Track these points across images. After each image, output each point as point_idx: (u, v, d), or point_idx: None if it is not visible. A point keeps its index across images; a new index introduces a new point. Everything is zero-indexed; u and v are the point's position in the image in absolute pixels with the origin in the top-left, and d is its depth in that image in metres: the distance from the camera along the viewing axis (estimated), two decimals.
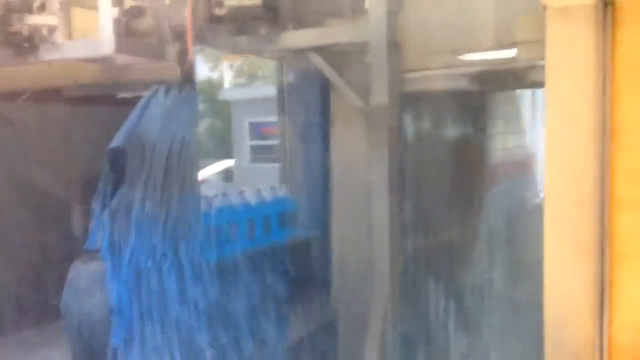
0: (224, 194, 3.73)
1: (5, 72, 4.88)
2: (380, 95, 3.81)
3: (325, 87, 4.14)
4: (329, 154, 4.17)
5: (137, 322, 3.07)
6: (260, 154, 5.60)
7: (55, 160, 6.03)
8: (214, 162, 5.81)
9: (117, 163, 3.17)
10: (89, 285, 4.91)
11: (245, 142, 5.88)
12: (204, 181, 3.86)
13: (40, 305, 5.52)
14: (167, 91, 3.18)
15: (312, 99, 4.43)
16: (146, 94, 3.24)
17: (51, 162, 6.11)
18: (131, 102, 3.40)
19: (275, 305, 3.68)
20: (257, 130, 5.66)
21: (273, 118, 5.01)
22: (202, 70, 3.70)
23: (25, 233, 5.93)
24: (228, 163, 5.58)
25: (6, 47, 3.96)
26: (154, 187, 3.11)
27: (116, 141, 3.17)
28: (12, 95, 5.63)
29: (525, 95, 5.99)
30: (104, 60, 3.80)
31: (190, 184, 3.20)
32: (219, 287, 3.24)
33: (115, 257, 3.17)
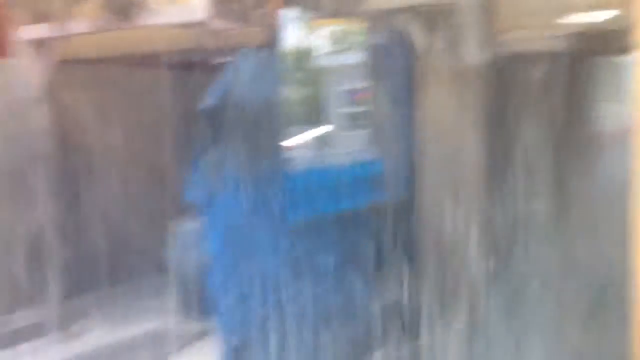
0: (314, 157, 3.80)
1: (105, 37, 5.18)
2: (472, 58, 3.72)
3: (415, 50, 4.09)
4: (418, 118, 4.13)
5: (230, 272, 3.24)
6: (352, 120, 5.61)
7: (154, 122, 6.38)
8: (306, 130, 5.90)
9: (209, 122, 3.32)
10: (191, 239, 5.26)
11: (337, 108, 5.89)
12: (296, 148, 3.95)
13: (148, 257, 5.95)
14: (253, 55, 3.27)
15: (402, 62, 4.39)
16: (235, 58, 3.34)
17: (150, 124, 6.46)
18: (222, 67, 3.52)
19: (360, 267, 3.74)
20: (349, 97, 5.66)
21: (364, 84, 5.00)
22: (293, 35, 3.74)
23: (132, 190, 6.36)
24: (321, 130, 5.66)
25: (105, 13, 4.19)
26: (243, 146, 3.23)
27: (207, 101, 3.32)
28: (112, 61, 5.97)
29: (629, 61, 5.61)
30: (198, 26, 3.94)
31: (277, 145, 3.31)
32: (305, 245, 3.34)
33: (210, 212, 3.36)
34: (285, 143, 3.52)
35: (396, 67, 4.33)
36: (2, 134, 5.53)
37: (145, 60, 5.94)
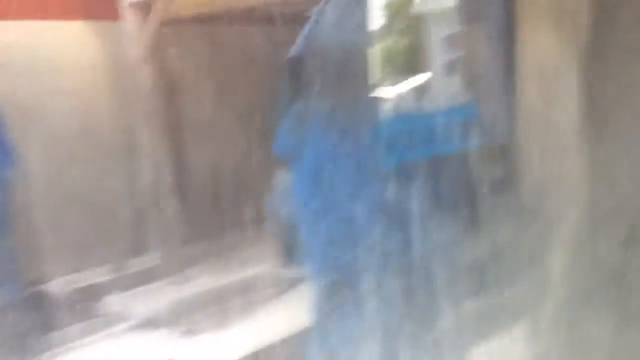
0: (408, 103, 3.74)
1: None
2: None
3: None
4: (516, 60, 3.95)
5: (318, 218, 3.29)
6: (448, 66, 5.45)
7: (250, 74, 6.53)
8: (401, 76, 5.80)
9: (296, 72, 3.34)
10: (288, 187, 5.41)
11: (434, 54, 5.75)
12: (389, 94, 3.91)
13: (245, 208, 6.19)
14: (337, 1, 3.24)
15: (499, 4, 4.20)
16: (322, 4, 3.33)
17: (247, 76, 6.62)
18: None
19: (453, 214, 3.68)
20: (446, 42, 5.48)
21: (462, 27, 4.83)
22: None
23: (234, 142, 6.58)
24: (416, 76, 5.54)
25: None
26: (330, 92, 3.23)
27: (293, 50, 3.34)
28: (211, 18, 6.15)
29: None
30: None
31: (368, 92, 3.28)
32: (397, 191, 3.32)
33: (297, 159, 3.40)
34: (376, 89, 3.47)
35: (493, 7, 4.14)
36: (112, 93, 5.91)
37: (242, 16, 6.07)
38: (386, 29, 3.70)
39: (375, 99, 3.43)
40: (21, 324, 4.25)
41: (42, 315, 4.71)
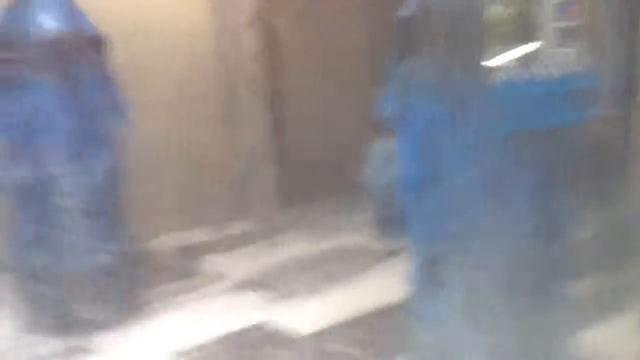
0: (520, 71, 3.51)
1: None
2: None
3: None
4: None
5: (424, 185, 3.17)
6: (564, 34, 5.09)
7: (355, 36, 6.41)
8: (514, 43, 5.47)
9: (405, 31, 3.20)
10: (385, 157, 5.30)
11: (549, 23, 5.38)
12: (502, 61, 3.69)
13: (343, 175, 6.15)
14: None
15: None
16: None
17: (352, 38, 6.50)
18: None
19: (567, 187, 3.43)
20: (562, 10, 5.13)
21: None
22: None
23: (330, 108, 6.53)
24: (529, 43, 5.21)
25: None
26: (439, 55, 3.08)
27: (404, 9, 3.19)
28: None
29: None
30: None
31: (480, 57, 3.08)
32: (504, 161, 3.14)
33: (404, 127, 3.28)
34: (489, 55, 3.26)
35: None
36: (219, 58, 6.00)
37: None
38: None
39: (488, 64, 3.22)
40: (125, 280, 4.41)
41: (145, 272, 4.90)
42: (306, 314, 4.37)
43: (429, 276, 3.20)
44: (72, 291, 4.18)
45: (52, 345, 4.04)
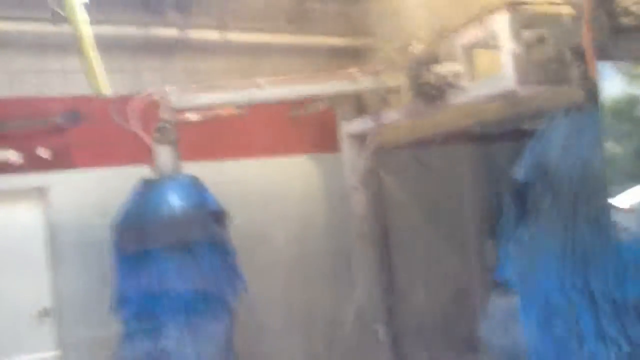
0: None
1: (418, 121, 5.46)
2: None
3: None
4: None
5: (551, 357, 2.93)
6: None
7: (463, 196, 6.39)
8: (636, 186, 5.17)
9: (520, 194, 3.15)
10: (506, 318, 5.00)
11: None
12: (628, 212, 3.49)
13: (458, 334, 5.85)
14: (567, 115, 3.04)
15: None
16: (546, 121, 3.16)
17: (460, 198, 6.49)
18: (532, 133, 3.36)
19: None
20: None
21: None
22: (612, 87, 3.38)
23: (443, 265, 6.39)
24: None
25: (417, 98, 4.42)
26: (558, 216, 2.96)
27: (517, 172, 3.17)
28: (422, 143, 6.25)
29: None
30: (507, 96, 3.86)
31: (599, 211, 2.93)
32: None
33: (523, 289, 3.12)
34: (605, 209, 3.07)
35: None
36: (330, 218, 6.17)
37: (452, 138, 6.08)
38: (613, 137, 3.33)
39: (613, 219, 3.02)
40: None
41: None
42: None
43: None
44: None
45: None
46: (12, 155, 5.07)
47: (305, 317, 5.98)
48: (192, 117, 4.89)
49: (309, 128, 6.21)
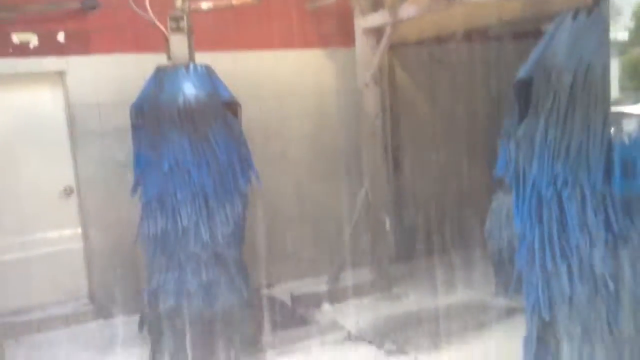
0: None
1: (435, 18, 5.42)
2: None
3: None
4: None
5: (539, 248, 3.12)
6: None
7: (476, 95, 6.45)
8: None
9: (523, 93, 3.21)
10: (508, 213, 5.22)
11: None
12: (629, 115, 3.54)
13: (463, 230, 6.13)
14: (574, 17, 3.05)
15: None
16: (554, 24, 3.17)
17: (473, 97, 6.54)
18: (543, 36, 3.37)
19: None
20: None
21: None
22: None
23: (452, 164, 6.57)
24: None
25: None
26: (558, 115, 3.05)
27: (522, 72, 3.22)
28: (437, 40, 6.21)
29: None
30: None
31: (597, 113, 3.02)
32: (626, 221, 3.00)
33: (519, 185, 3.26)
34: (604, 111, 3.15)
35: None
36: (342, 115, 6.29)
37: (467, 37, 6.04)
38: (632, 40, 3.35)
39: (614, 120, 3.10)
40: (248, 324, 4.65)
41: (268, 316, 5.14)
42: None
43: (541, 342, 3.13)
44: (198, 335, 4.45)
45: None
46: (31, 38, 5.18)
47: (315, 209, 6.26)
48: (205, 5, 4.90)
49: (324, 21, 6.18)
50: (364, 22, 5.79)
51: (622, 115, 3.41)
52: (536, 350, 3.15)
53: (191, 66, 4.43)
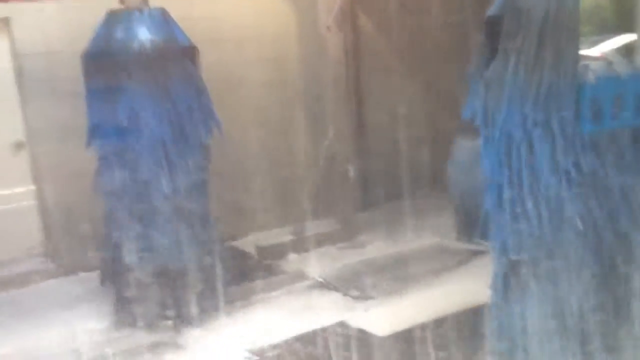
0: (613, 64, 3.34)
1: None
2: None
3: None
4: None
5: (507, 189, 3.12)
6: None
7: (440, 37, 6.36)
8: (608, 36, 5.20)
9: (493, 31, 3.15)
10: (470, 158, 5.23)
11: None
12: (594, 56, 3.54)
13: (426, 176, 6.15)
14: None
15: None
16: None
17: (437, 39, 6.45)
18: None
19: None
20: None
21: None
22: None
23: (414, 109, 6.52)
24: (625, 37, 4.94)
25: None
26: (528, 55, 3.01)
27: (492, 9, 3.15)
28: None
29: None
30: None
31: (566, 52, 3.00)
32: (594, 160, 3.03)
33: (489, 126, 3.23)
34: (573, 50, 3.14)
35: None
36: (303, 61, 6.15)
37: None
38: None
39: (581, 60, 3.10)
40: (213, 277, 4.58)
41: (232, 268, 5.10)
42: (387, 315, 4.42)
43: (509, 282, 3.17)
44: (163, 289, 4.39)
45: (141, 339, 4.27)
46: None
47: (279, 159, 6.16)
48: None
49: None
50: None
51: (588, 56, 3.41)
52: (504, 290, 3.19)
53: (145, 10, 4.21)
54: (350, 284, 4.92)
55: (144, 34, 4.12)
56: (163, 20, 4.24)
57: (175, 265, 4.39)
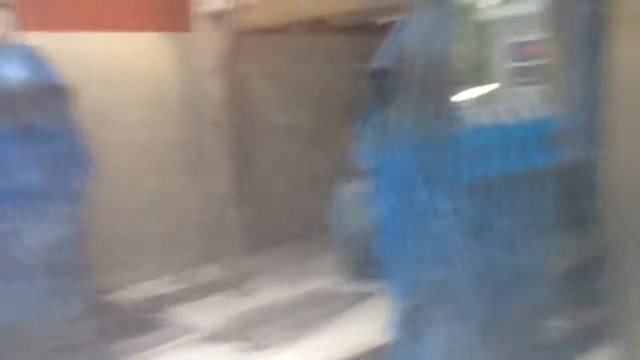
0: (481, 115, 3.61)
1: (276, 6, 5.34)
2: None
3: None
4: (601, 69, 3.74)
5: (401, 235, 3.20)
6: (521, 76, 5.25)
7: (321, 85, 6.49)
8: (471, 87, 5.58)
9: (377, 82, 3.27)
10: (352, 201, 5.33)
11: (504, 64, 5.55)
12: (465, 106, 3.79)
13: (309, 219, 6.13)
14: (423, 12, 3.16)
15: (582, 10, 4.01)
16: (404, 16, 3.26)
17: (318, 87, 6.57)
18: (391, 27, 3.44)
19: (536, 229, 3.51)
20: (517, 51, 5.29)
21: (536, 36, 4.63)
22: None
23: (296, 154, 6.55)
24: (487, 87, 5.34)
25: None
26: (410, 104, 3.16)
27: (378, 60, 3.27)
28: (282, 28, 6.15)
29: None
30: None
31: (444, 102, 3.19)
32: (473, 205, 3.20)
33: (379, 174, 3.32)
34: (454, 101, 3.38)
35: (578, 14, 3.95)
36: (183, 104, 5.97)
37: (315, 26, 6.04)
38: (458, 36, 3.60)
39: (455, 110, 3.32)
40: (91, 332, 4.25)
41: (111, 323, 4.73)
42: None
43: (410, 322, 3.19)
44: (33, 353, 3.99)
45: None
46: None
47: (156, 202, 5.88)
48: None
49: (159, 3, 5.81)
50: (202, 5, 5.55)
51: (460, 104, 3.64)
52: (404, 334, 3.20)
53: (14, 46, 3.91)
54: (240, 335, 4.72)
55: (10, 72, 3.80)
56: (32, 57, 3.95)
57: (44, 327, 4.03)
